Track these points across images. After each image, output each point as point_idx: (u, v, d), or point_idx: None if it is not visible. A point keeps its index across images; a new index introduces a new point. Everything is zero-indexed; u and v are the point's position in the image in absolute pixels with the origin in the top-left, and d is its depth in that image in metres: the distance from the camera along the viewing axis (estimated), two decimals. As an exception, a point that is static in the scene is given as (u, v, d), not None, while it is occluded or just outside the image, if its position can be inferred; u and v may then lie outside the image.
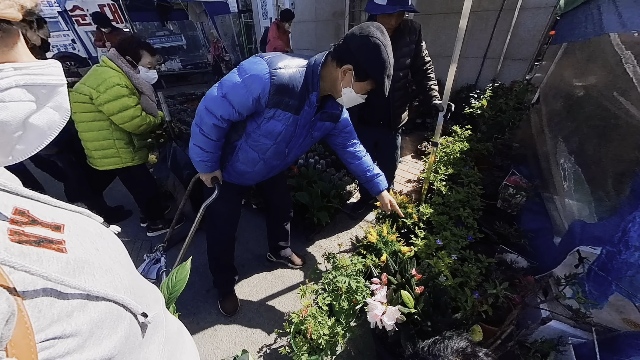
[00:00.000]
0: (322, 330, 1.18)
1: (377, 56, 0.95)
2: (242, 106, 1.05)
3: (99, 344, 0.29)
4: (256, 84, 1.01)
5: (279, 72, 1.01)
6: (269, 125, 1.13)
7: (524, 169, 2.44)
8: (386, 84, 1.01)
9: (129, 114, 1.70)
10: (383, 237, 1.72)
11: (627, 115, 1.51)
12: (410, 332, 1.02)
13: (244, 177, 1.36)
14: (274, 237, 1.94)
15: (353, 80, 1.02)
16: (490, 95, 3.20)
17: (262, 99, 1.04)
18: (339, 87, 1.06)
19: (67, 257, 0.29)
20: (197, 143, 1.15)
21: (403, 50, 1.67)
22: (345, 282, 1.36)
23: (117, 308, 0.33)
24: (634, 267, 1.03)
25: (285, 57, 1.06)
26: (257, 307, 1.78)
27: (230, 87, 1.03)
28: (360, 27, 0.99)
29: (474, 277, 1.25)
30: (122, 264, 0.39)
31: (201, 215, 1.31)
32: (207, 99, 1.08)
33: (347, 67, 1.00)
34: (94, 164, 1.86)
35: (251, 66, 1.02)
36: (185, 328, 0.64)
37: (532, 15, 3.72)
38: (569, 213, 1.71)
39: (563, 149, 2.07)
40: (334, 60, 1.03)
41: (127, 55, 1.68)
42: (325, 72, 1.06)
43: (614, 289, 1.06)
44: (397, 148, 2.17)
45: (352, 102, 1.12)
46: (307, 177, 2.47)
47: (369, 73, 1.00)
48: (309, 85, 1.07)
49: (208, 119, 1.08)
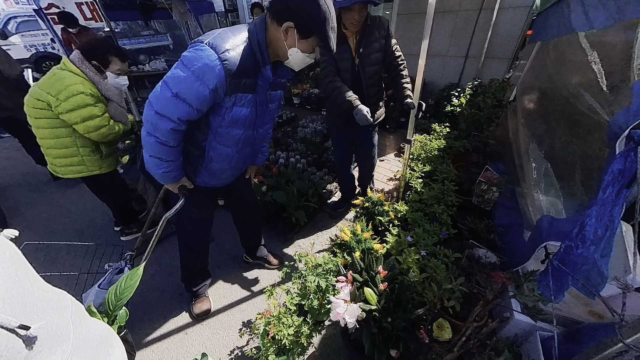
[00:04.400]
0: (286, 331, 1.16)
1: (317, 8, 0.89)
2: (200, 101, 0.96)
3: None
4: (208, 74, 0.91)
5: (228, 55, 0.92)
6: (233, 114, 1.05)
7: (500, 165, 2.48)
8: (331, 37, 0.96)
9: (94, 123, 1.58)
10: (357, 235, 1.71)
11: (591, 112, 1.54)
12: (371, 329, 1.01)
13: (222, 177, 1.29)
14: (244, 236, 1.90)
15: (297, 38, 0.96)
16: (470, 93, 3.24)
17: (220, 89, 0.96)
18: (284, 49, 0.99)
19: None
20: (154, 154, 1.05)
21: (374, 46, 1.66)
22: (315, 281, 1.34)
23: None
24: (589, 261, 1.05)
25: (226, 33, 0.96)
26: (230, 309, 1.75)
27: (178, 83, 0.93)
28: None
29: (440, 272, 1.25)
30: (6, 273, 0.36)
31: (161, 228, 1.25)
32: (156, 103, 0.97)
33: (287, 25, 0.93)
34: (56, 172, 1.75)
35: (196, 55, 0.91)
36: (115, 334, 0.61)
37: (510, 15, 3.78)
38: (539, 208, 1.74)
39: (535, 145, 2.11)
40: (273, 21, 0.96)
41: (93, 60, 1.54)
42: (267, 37, 0.99)
43: (570, 283, 1.07)
44: (374, 146, 2.16)
45: (301, 64, 1.05)
46: (287, 176, 2.45)
47: (312, 28, 0.94)
48: (258, 59, 1.00)
49: (163, 125, 0.98)
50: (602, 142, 1.35)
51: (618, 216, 0.97)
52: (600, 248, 1.02)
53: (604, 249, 1.01)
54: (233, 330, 1.62)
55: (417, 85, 1.70)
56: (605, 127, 1.22)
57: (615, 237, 0.99)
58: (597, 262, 1.02)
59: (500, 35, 3.93)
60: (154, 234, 1.27)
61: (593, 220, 1.06)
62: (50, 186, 3.09)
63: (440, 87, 4.54)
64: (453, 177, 2.15)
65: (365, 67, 1.68)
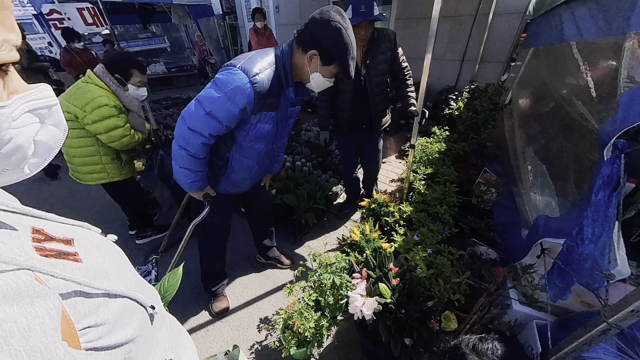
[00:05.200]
0: (308, 324, 1.27)
1: (340, 40, 0.99)
2: (229, 119, 1.06)
3: (122, 330, 0.37)
4: (239, 96, 1.02)
5: (258, 78, 1.02)
6: (257, 129, 1.15)
7: (497, 166, 2.61)
8: (351, 65, 1.06)
9: (117, 133, 1.68)
10: (366, 235, 1.82)
11: (582, 119, 1.66)
12: (386, 321, 1.13)
13: (241, 186, 1.39)
14: (258, 238, 2.01)
15: (319, 65, 1.05)
16: (467, 97, 3.37)
17: (248, 108, 1.06)
18: (307, 73, 1.09)
19: (84, 266, 0.36)
20: (183, 165, 1.14)
21: (379, 58, 1.77)
22: (330, 279, 1.45)
23: (131, 302, 0.40)
24: (589, 258, 1.16)
25: (255, 58, 1.06)
26: (247, 307, 1.85)
27: (212, 103, 1.03)
28: (320, 11, 1.01)
29: (446, 269, 1.37)
30: (126, 268, 0.47)
31: (189, 234, 1.33)
32: (189, 119, 1.06)
33: (312, 53, 1.03)
34: (79, 179, 1.84)
35: (229, 78, 1.01)
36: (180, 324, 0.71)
37: (504, 20, 3.92)
38: (535, 207, 1.86)
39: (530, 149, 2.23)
40: (299, 47, 1.05)
41: (116, 74, 1.63)
42: (292, 61, 1.09)
43: (575, 280, 1.18)
44: (379, 151, 2.27)
45: (321, 87, 1.15)
46: (295, 179, 2.55)
47: (334, 57, 1.03)
48: (282, 81, 1.10)
49: (195, 139, 1.07)
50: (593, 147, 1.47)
51: (612, 216, 1.08)
52: (598, 246, 1.13)
53: (602, 247, 1.12)
54: (251, 326, 1.73)
55: (421, 89, 1.79)
56: (594, 134, 1.33)
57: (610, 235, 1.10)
58: (597, 259, 1.13)
59: (495, 39, 4.07)
60: (183, 239, 1.36)
61: (590, 221, 1.17)
62: (62, 192, 3.15)
63: (438, 90, 4.68)
64: (454, 179, 2.26)
65: (372, 77, 1.79)
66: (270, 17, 7.06)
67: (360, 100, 1.88)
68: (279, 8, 6.83)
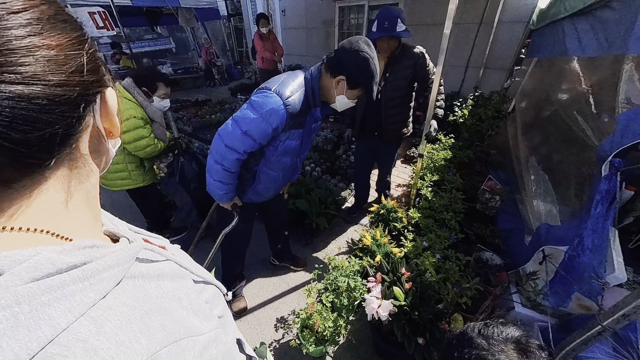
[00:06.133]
0: (326, 324, 1.37)
1: (367, 68, 1.10)
2: (263, 137, 1.17)
3: (217, 306, 0.48)
4: (274, 117, 1.12)
5: (290, 100, 1.13)
6: (285, 145, 1.26)
7: (500, 173, 2.70)
8: (374, 89, 1.17)
9: (143, 143, 1.79)
10: (376, 240, 1.93)
11: (583, 133, 1.74)
12: (401, 322, 1.23)
13: (265, 195, 1.50)
14: (274, 242, 2.12)
15: (346, 88, 1.17)
16: (471, 104, 3.47)
17: (279, 127, 1.16)
18: (333, 95, 1.21)
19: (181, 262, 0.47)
20: (218, 179, 1.25)
21: (399, 74, 1.87)
22: (345, 281, 1.55)
23: (215, 289, 0.51)
24: (589, 267, 1.25)
25: (287, 81, 1.16)
26: (264, 306, 1.96)
27: (248, 123, 1.13)
28: (349, 41, 1.11)
29: (454, 273, 1.47)
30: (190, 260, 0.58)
31: (220, 242, 1.42)
32: (226, 137, 1.17)
33: (340, 78, 1.14)
34: (108, 185, 1.96)
35: (265, 101, 1.12)
36: None
37: (508, 29, 4.01)
38: (538, 215, 1.95)
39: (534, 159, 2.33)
40: (328, 72, 1.16)
41: (143, 87, 1.74)
42: (320, 83, 1.20)
43: (575, 289, 1.28)
44: (392, 160, 2.39)
45: (345, 107, 1.27)
46: (305, 184, 2.65)
47: (360, 82, 1.15)
48: (310, 102, 1.21)
49: (230, 155, 1.18)
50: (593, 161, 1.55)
51: (609, 227, 1.19)
52: (597, 256, 1.22)
53: (600, 256, 1.22)
54: (268, 325, 1.83)
55: (431, 101, 1.88)
56: (595, 150, 1.41)
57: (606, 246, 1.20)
58: (596, 268, 1.22)
59: (499, 47, 4.16)
60: (214, 247, 1.46)
61: (589, 232, 1.26)
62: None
63: (442, 95, 4.77)
64: (459, 186, 2.36)
65: (388, 90, 1.90)
66: (277, 21, 7.15)
67: (373, 110, 1.99)
68: (285, 11, 6.92)
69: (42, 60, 0.24)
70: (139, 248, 0.35)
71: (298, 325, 1.53)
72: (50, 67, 0.24)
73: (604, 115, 1.53)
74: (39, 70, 0.23)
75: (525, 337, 0.52)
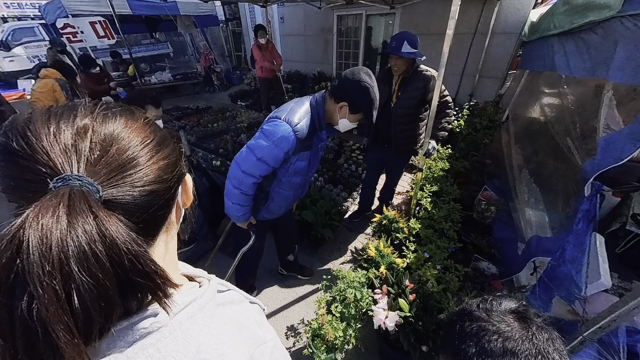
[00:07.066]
0: (337, 333, 1.49)
1: (367, 96, 1.23)
2: (276, 162, 1.29)
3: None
4: (285, 143, 1.23)
5: (299, 127, 1.24)
6: (295, 166, 1.38)
7: (496, 181, 2.84)
8: (374, 114, 1.31)
9: None
10: (380, 250, 2.04)
11: (568, 152, 1.85)
12: (406, 331, 1.35)
13: (277, 213, 1.61)
14: (283, 253, 2.23)
15: (348, 113, 1.30)
16: (467, 114, 3.60)
17: (290, 151, 1.29)
18: (336, 118, 1.34)
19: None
20: (236, 202, 1.35)
21: (409, 93, 2.02)
22: (352, 293, 1.67)
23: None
24: (568, 276, 1.39)
25: (295, 109, 1.27)
26: (274, 315, 2.07)
27: (262, 150, 1.24)
28: (352, 72, 1.24)
29: (454, 284, 1.60)
30: None
31: (238, 260, 1.53)
32: (243, 164, 1.28)
33: (343, 104, 1.28)
34: None
35: (276, 129, 1.22)
36: None
37: (501, 39, 4.16)
38: (529, 225, 2.08)
39: (525, 169, 2.46)
40: (332, 98, 1.30)
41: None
42: (325, 108, 1.33)
43: (555, 293, 1.42)
44: (400, 171, 2.56)
45: (347, 128, 1.41)
46: (310, 195, 2.77)
47: (361, 108, 1.29)
48: (316, 126, 1.33)
49: (247, 180, 1.29)
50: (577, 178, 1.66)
51: (588, 243, 1.32)
52: (575, 266, 1.36)
53: (578, 266, 1.35)
54: (279, 333, 1.94)
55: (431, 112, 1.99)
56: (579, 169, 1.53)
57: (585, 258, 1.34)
58: (574, 277, 1.36)
59: (493, 56, 4.31)
60: (232, 265, 1.56)
61: (571, 246, 1.41)
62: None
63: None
64: (457, 197, 2.49)
65: (399, 108, 2.05)
66: (275, 28, 7.25)
67: (385, 122, 2.13)
68: (283, 19, 7.01)
69: (162, 167, 0.37)
70: (216, 284, 0.48)
71: (309, 335, 1.65)
72: (165, 170, 0.37)
73: (588, 137, 1.66)
74: (161, 174, 0.36)
75: (522, 307, 0.55)
